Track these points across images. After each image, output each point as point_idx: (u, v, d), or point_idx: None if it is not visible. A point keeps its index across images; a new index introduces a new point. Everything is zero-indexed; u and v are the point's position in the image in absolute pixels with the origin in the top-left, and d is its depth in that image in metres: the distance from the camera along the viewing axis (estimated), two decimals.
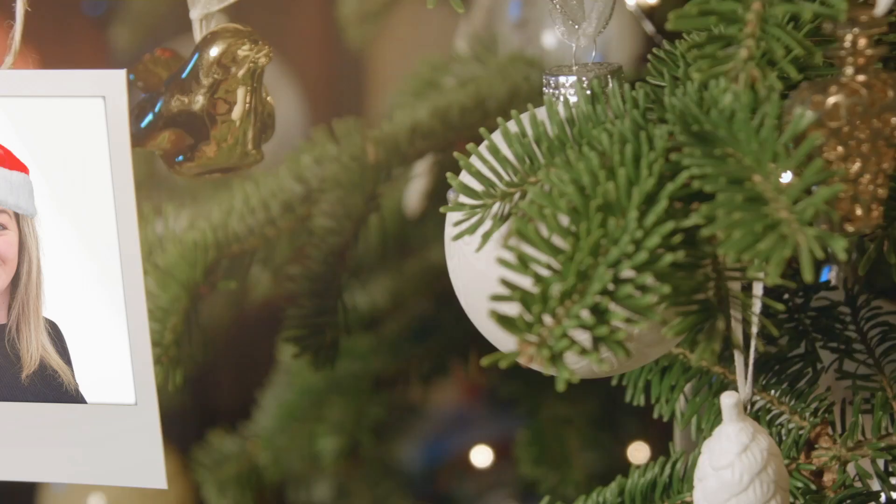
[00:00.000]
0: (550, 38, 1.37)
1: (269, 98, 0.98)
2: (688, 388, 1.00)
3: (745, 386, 0.90)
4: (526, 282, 0.75)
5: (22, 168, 0.90)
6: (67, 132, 0.89)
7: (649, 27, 1.17)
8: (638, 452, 1.59)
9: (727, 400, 0.87)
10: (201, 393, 1.72)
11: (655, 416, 1.01)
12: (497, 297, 0.75)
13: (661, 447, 1.59)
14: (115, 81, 0.88)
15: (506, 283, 0.75)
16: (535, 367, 0.76)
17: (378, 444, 1.56)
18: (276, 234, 1.17)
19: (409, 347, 1.46)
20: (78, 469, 0.94)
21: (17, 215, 0.91)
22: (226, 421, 1.50)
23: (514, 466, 1.78)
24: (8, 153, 0.90)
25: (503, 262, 0.76)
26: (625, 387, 1.02)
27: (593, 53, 0.88)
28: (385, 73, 1.97)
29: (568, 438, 1.41)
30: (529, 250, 0.76)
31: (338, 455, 1.42)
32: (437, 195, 1.43)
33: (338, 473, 1.63)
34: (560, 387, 0.76)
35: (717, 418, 0.98)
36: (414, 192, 1.41)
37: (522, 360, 0.75)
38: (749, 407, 0.93)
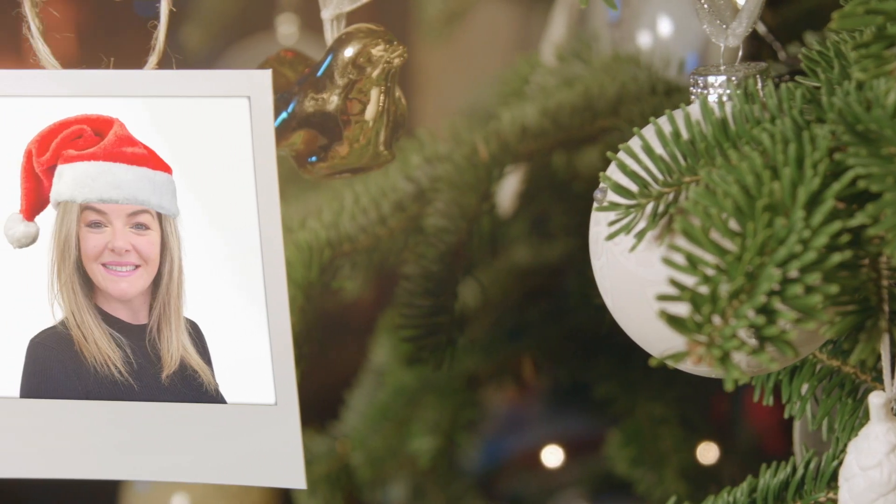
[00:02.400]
0: (646, 38, 1.37)
1: (401, 98, 0.98)
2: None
3: (892, 385, 0.89)
4: (690, 281, 0.76)
5: (165, 168, 0.90)
6: (211, 132, 0.89)
7: (761, 27, 1.17)
8: (708, 452, 1.59)
9: (875, 399, 0.87)
10: None
11: (786, 416, 1.00)
12: (666, 298, 0.75)
13: (728, 446, 1.60)
14: (260, 81, 0.88)
15: (675, 283, 0.75)
16: (701, 367, 0.76)
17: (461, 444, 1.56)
18: (388, 233, 1.17)
19: (500, 347, 1.46)
20: (217, 469, 0.94)
21: (159, 215, 0.91)
22: (315, 420, 1.50)
23: (585, 466, 1.78)
24: (152, 153, 0.90)
25: (669, 263, 0.76)
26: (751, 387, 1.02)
27: (740, 54, 0.88)
28: (453, 73, 1.97)
29: (662, 438, 1.41)
30: (695, 250, 0.76)
31: (434, 455, 1.42)
32: (529, 196, 1.43)
33: (412, 474, 1.63)
34: (728, 386, 0.76)
35: (849, 418, 0.98)
36: (507, 192, 1.41)
37: (691, 361, 0.75)
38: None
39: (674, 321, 0.75)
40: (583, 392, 1.63)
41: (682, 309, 0.75)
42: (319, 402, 1.63)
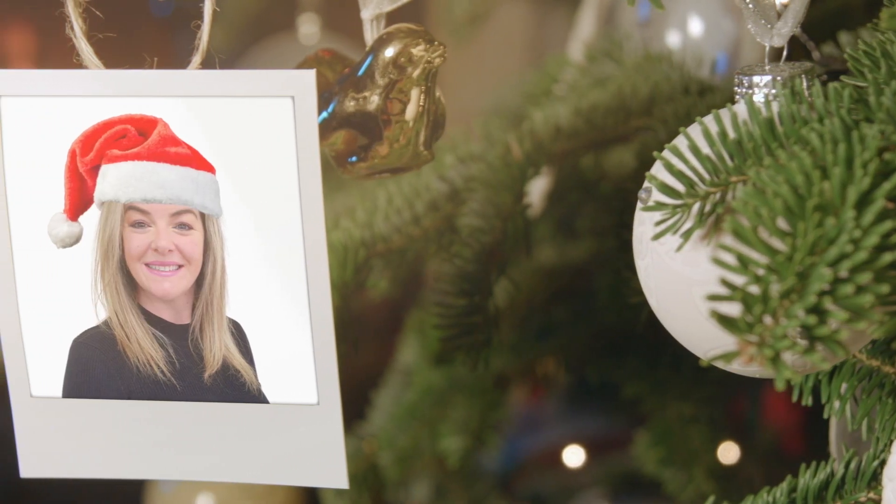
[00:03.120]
0: (675, 37, 1.37)
1: (441, 98, 0.98)
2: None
3: None
4: (739, 281, 0.76)
5: (209, 168, 0.90)
6: (255, 132, 0.89)
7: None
8: (728, 452, 1.59)
9: None
10: None
11: (826, 416, 1.00)
12: (716, 297, 0.75)
13: (748, 446, 1.60)
14: (304, 81, 0.88)
15: (726, 283, 0.75)
16: (752, 367, 0.76)
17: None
18: (421, 233, 1.17)
19: (528, 347, 1.46)
20: (259, 469, 0.94)
21: (202, 215, 0.91)
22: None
23: (608, 466, 1.79)
24: (195, 153, 0.90)
25: (719, 262, 0.76)
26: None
27: (785, 53, 0.88)
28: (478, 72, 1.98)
29: (692, 438, 1.41)
30: (746, 250, 0.76)
31: (463, 455, 1.42)
32: (557, 196, 1.43)
33: (435, 474, 1.63)
34: (780, 385, 0.76)
35: (890, 418, 0.98)
36: (535, 192, 1.41)
37: (742, 361, 0.75)
38: None
39: (725, 321, 0.75)
40: (608, 392, 1.64)
41: (732, 309, 0.75)
42: (345, 403, 1.63)
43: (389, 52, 0.95)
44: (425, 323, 1.47)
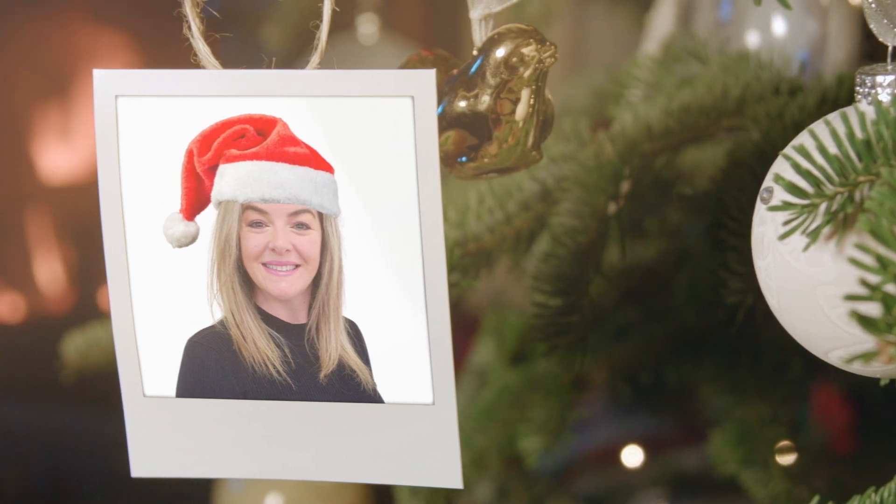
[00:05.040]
0: (754, 37, 1.37)
1: (550, 98, 0.98)
2: None
3: None
4: (874, 280, 0.75)
5: (327, 168, 0.90)
6: (374, 132, 0.89)
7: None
8: (785, 452, 1.59)
9: None
10: None
11: None
12: (855, 297, 0.75)
13: (801, 447, 1.60)
14: (424, 81, 0.88)
15: (865, 283, 0.75)
16: (891, 367, 0.76)
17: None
18: (513, 232, 1.17)
19: (605, 346, 1.46)
20: (372, 469, 0.94)
21: (320, 215, 0.91)
22: None
23: (663, 466, 1.79)
24: (314, 153, 0.90)
25: (856, 263, 0.76)
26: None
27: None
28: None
29: (770, 438, 1.41)
30: (883, 250, 0.76)
31: (541, 455, 1.42)
32: (633, 196, 1.43)
33: (497, 474, 1.63)
34: None
35: None
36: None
37: (882, 360, 0.75)
38: None
39: (864, 321, 0.75)
40: (670, 391, 1.64)
41: (871, 309, 0.75)
42: None
43: (500, 52, 0.95)
44: (502, 323, 1.47)
